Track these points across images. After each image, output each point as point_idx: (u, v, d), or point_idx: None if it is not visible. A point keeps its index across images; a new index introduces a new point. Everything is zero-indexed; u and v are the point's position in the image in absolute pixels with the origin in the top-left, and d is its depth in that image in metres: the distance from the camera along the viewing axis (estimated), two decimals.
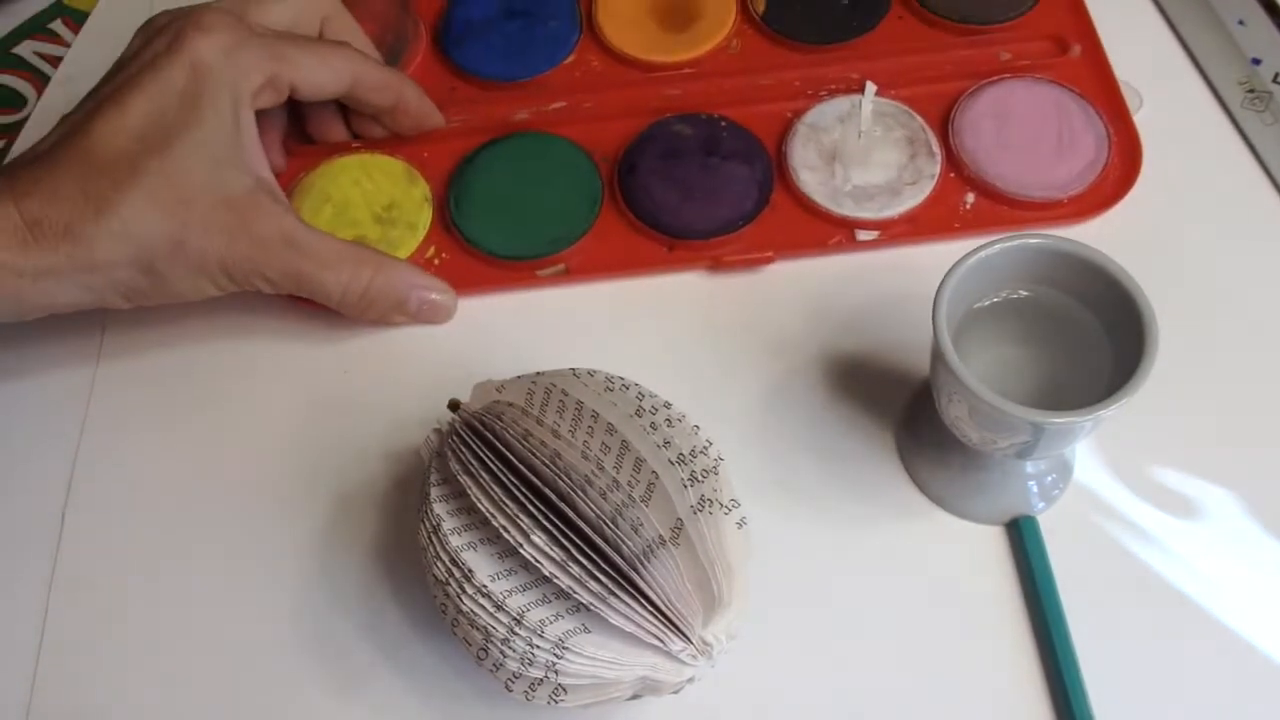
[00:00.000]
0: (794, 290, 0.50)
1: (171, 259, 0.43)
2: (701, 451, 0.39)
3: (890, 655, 0.42)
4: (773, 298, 0.50)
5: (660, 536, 0.36)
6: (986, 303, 0.42)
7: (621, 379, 0.41)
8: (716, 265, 0.51)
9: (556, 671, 0.36)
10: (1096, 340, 0.41)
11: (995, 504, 0.45)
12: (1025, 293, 0.42)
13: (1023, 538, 0.44)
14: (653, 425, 0.39)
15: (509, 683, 0.37)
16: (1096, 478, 0.46)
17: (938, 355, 0.39)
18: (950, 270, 0.40)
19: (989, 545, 0.44)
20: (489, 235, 0.51)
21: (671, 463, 0.38)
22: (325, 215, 0.52)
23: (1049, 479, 0.45)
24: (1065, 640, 0.42)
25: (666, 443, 0.38)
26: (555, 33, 0.57)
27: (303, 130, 0.54)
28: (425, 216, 0.52)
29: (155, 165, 0.43)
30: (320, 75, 0.48)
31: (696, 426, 0.40)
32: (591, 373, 0.41)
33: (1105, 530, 0.44)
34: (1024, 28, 0.57)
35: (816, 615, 0.43)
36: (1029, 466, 0.45)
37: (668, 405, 0.41)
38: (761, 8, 0.58)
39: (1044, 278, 0.42)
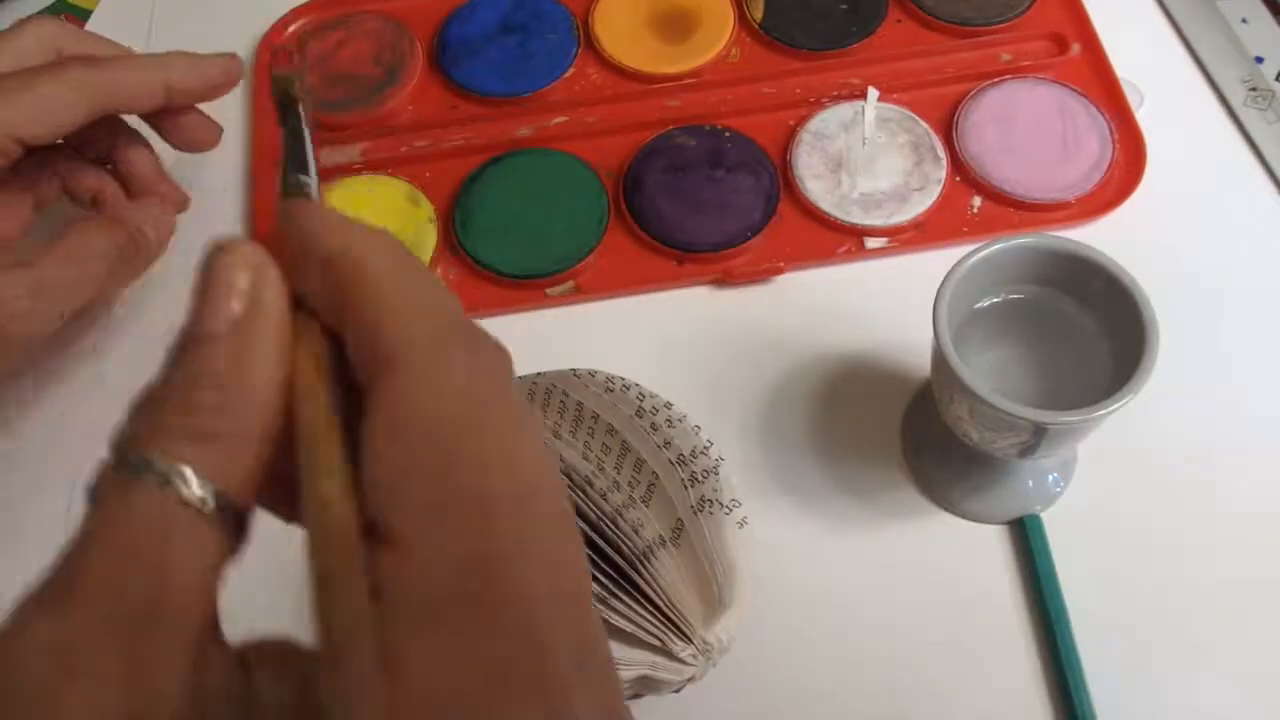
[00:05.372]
0: (801, 298, 0.50)
1: None
2: (702, 452, 0.39)
3: (893, 654, 0.42)
4: (780, 306, 0.50)
5: (661, 537, 0.36)
6: (987, 303, 0.42)
7: (622, 379, 0.41)
8: (727, 278, 0.51)
9: None
10: (1097, 340, 0.41)
11: (998, 503, 0.45)
12: (1026, 293, 0.42)
13: (1026, 536, 0.44)
14: (653, 426, 0.39)
15: None
16: (1100, 477, 0.46)
17: (938, 355, 0.39)
18: (951, 271, 0.40)
19: (993, 544, 0.44)
20: (496, 255, 0.51)
21: (672, 463, 0.38)
22: None
23: (1051, 478, 0.45)
24: (1068, 638, 0.42)
25: (667, 443, 0.38)
26: (554, 47, 0.57)
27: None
28: (431, 238, 0.51)
29: None
30: (44, 108, 0.40)
31: (697, 427, 0.40)
32: (592, 373, 0.41)
33: (1109, 529, 0.45)
34: (1022, 28, 0.57)
35: (819, 615, 0.43)
36: (1031, 465, 0.45)
37: (668, 406, 0.40)
38: (760, 15, 0.58)
39: (1044, 278, 0.42)
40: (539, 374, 0.42)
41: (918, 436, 0.47)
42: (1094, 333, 0.41)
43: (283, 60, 0.29)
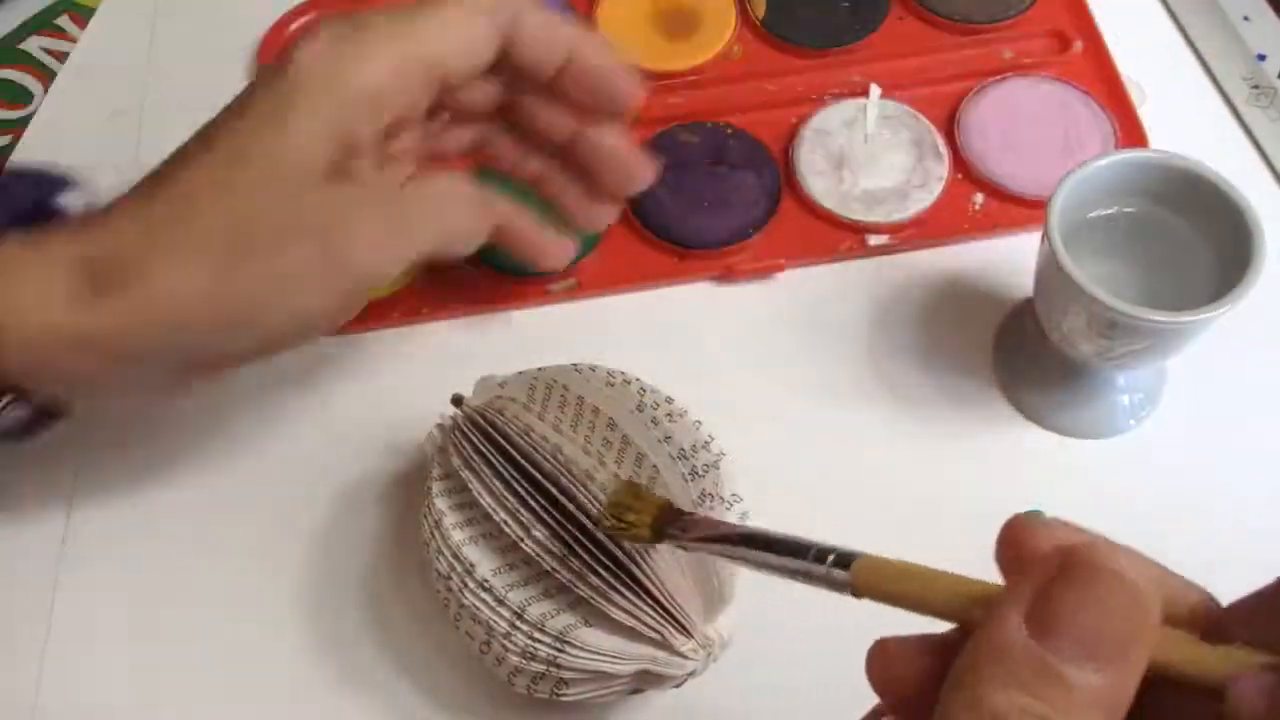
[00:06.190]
0: (803, 295, 0.51)
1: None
2: (703, 447, 0.39)
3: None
4: (782, 303, 0.50)
5: None
6: (1086, 218, 0.44)
7: (623, 374, 0.41)
8: (727, 275, 0.51)
9: (558, 665, 0.36)
10: (1199, 253, 0.43)
11: (1088, 419, 0.47)
12: (1130, 206, 0.44)
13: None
14: (654, 421, 0.39)
15: (511, 677, 0.37)
16: (1102, 473, 0.46)
17: (1056, 271, 0.40)
18: (1058, 185, 0.42)
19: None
20: (498, 251, 0.51)
21: (673, 458, 0.38)
22: None
23: (1138, 397, 0.47)
24: None
25: (667, 438, 0.39)
26: None
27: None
28: None
29: (219, 192, 0.36)
30: (455, 35, 0.38)
31: (698, 422, 0.40)
32: (593, 368, 0.41)
33: (1114, 526, 0.44)
34: (1025, 25, 0.57)
35: (810, 610, 0.43)
36: (1121, 380, 0.47)
37: (669, 400, 0.41)
38: (762, 12, 0.58)
39: (1147, 193, 0.43)
40: (540, 369, 0.42)
41: (1015, 364, 0.47)
42: (1196, 245, 0.43)
43: None
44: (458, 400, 0.41)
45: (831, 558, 0.31)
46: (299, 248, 0.36)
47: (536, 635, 0.36)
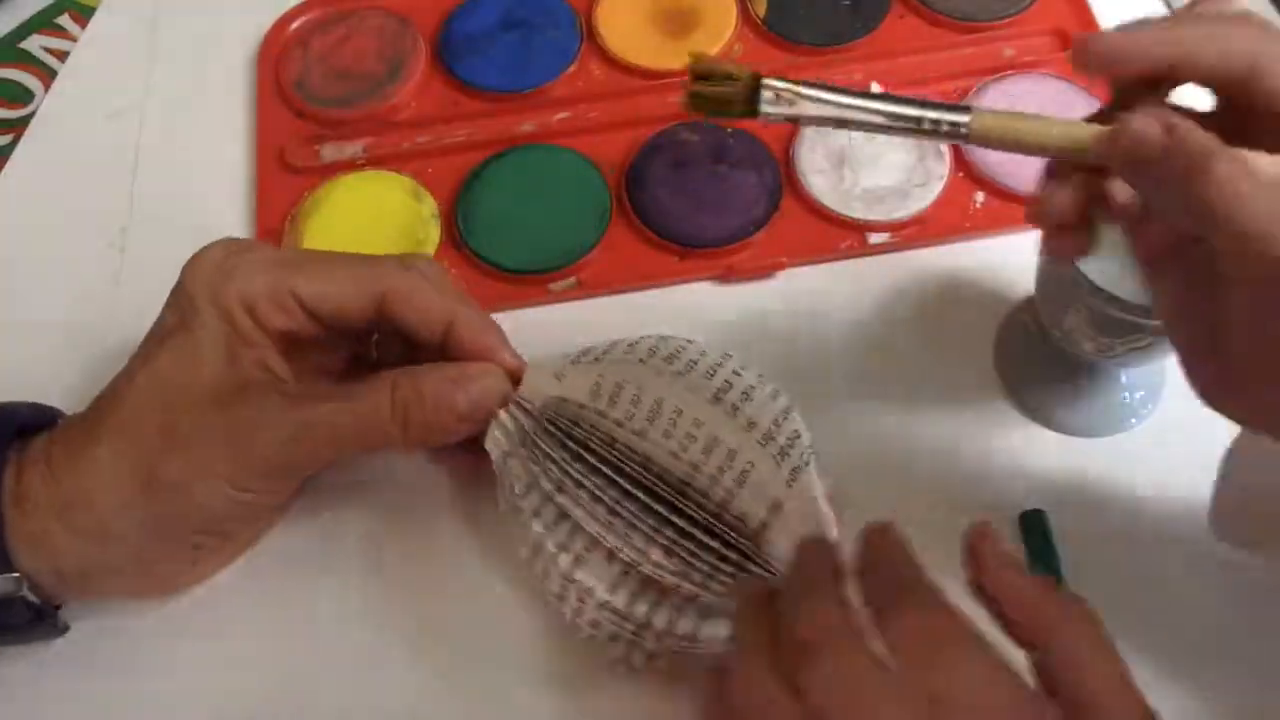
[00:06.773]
0: (804, 293, 0.50)
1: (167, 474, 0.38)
2: (783, 416, 0.39)
3: None
4: (782, 302, 0.50)
5: (763, 521, 0.37)
6: None
7: (684, 350, 0.41)
8: (728, 274, 0.51)
9: (685, 656, 0.37)
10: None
11: (1089, 417, 0.47)
12: None
13: (1032, 532, 0.44)
14: (734, 407, 0.39)
15: None
16: (1104, 472, 0.46)
17: (1057, 269, 0.41)
18: None
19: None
20: (499, 250, 0.51)
21: (760, 443, 0.38)
22: (332, 234, 0.51)
23: (1140, 395, 0.47)
24: None
25: (752, 424, 0.38)
26: (556, 43, 0.57)
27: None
28: (434, 233, 0.51)
29: (132, 395, 0.39)
30: (331, 286, 0.40)
31: (760, 375, 0.40)
32: (652, 351, 0.41)
33: (1117, 525, 0.45)
34: (1025, 23, 0.57)
35: None
36: (1123, 378, 0.47)
37: (737, 374, 0.40)
38: (762, 11, 0.58)
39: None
40: (596, 359, 0.41)
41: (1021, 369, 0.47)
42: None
43: None
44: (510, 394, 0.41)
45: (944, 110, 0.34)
46: (211, 439, 0.39)
47: (665, 640, 0.37)
